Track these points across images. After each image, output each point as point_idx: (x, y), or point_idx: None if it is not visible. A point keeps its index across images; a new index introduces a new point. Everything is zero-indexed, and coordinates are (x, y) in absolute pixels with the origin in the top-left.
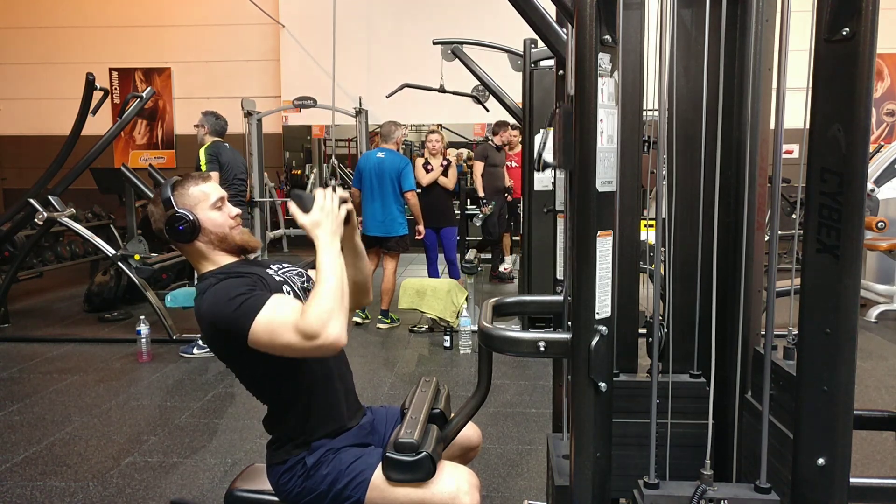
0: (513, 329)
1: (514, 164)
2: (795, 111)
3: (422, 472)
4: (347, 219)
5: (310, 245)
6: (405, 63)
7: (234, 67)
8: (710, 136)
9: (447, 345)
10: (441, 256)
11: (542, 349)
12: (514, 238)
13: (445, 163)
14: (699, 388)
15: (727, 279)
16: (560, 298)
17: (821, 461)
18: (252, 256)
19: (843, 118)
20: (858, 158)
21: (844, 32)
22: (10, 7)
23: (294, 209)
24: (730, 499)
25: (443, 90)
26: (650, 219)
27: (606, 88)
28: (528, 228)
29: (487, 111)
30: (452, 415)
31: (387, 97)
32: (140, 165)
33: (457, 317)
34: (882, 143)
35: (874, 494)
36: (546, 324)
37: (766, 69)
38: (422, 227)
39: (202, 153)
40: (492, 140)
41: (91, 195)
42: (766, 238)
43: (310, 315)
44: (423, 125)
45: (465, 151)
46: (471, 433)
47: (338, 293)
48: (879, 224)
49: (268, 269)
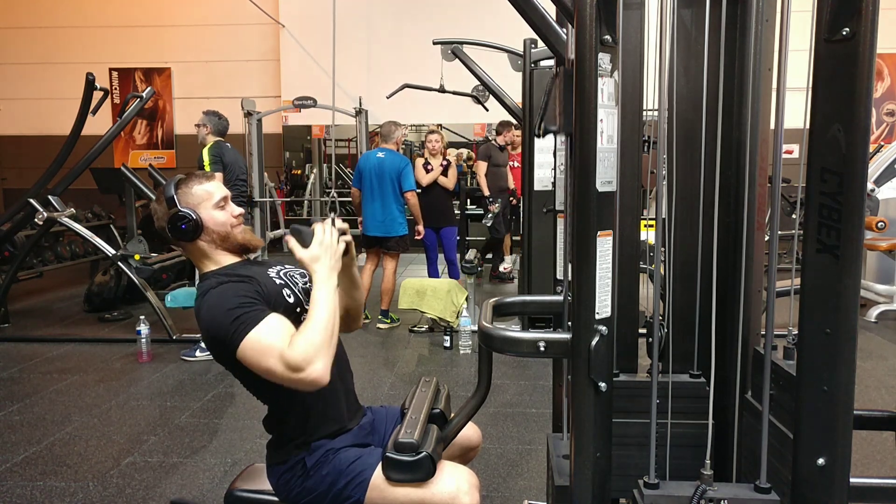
0: (513, 329)
1: (517, 165)
2: (795, 111)
3: (422, 472)
4: (346, 250)
5: None
6: (405, 63)
7: (234, 67)
8: (710, 136)
9: (447, 345)
10: (441, 256)
11: (542, 349)
12: (515, 238)
13: (445, 163)
14: (699, 388)
15: (727, 279)
16: (560, 298)
17: (821, 461)
18: (253, 256)
19: (843, 118)
20: (858, 158)
21: (844, 32)
22: (10, 7)
23: (293, 244)
24: (730, 499)
25: (443, 90)
26: (650, 219)
27: (606, 88)
28: (528, 228)
29: (487, 111)
30: (452, 415)
31: (387, 98)
32: (140, 165)
33: (457, 317)
34: (882, 143)
35: (874, 494)
36: (546, 324)
37: (766, 69)
38: (421, 227)
39: (205, 153)
40: (494, 140)
41: (91, 195)
42: (766, 238)
43: (297, 347)
44: (423, 125)
45: (465, 151)
46: (471, 433)
47: (328, 330)
48: (879, 224)
49: (269, 271)
